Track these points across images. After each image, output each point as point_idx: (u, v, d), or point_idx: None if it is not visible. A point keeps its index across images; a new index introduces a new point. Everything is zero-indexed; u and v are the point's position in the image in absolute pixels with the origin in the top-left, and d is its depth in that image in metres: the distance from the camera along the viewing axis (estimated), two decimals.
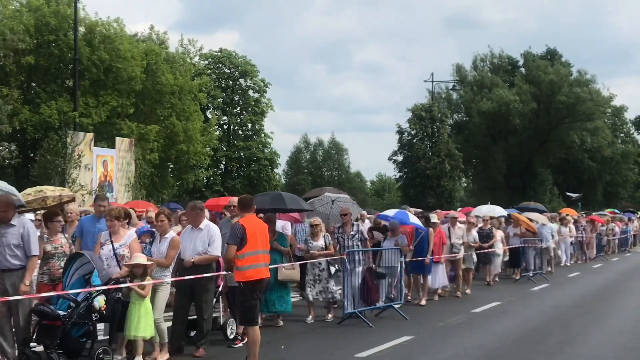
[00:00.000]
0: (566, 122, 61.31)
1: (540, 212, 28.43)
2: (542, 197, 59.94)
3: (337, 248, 14.27)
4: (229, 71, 54.50)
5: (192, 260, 10.45)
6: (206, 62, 53.38)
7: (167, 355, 10.13)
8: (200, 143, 38.96)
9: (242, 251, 9.47)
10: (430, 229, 16.76)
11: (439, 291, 17.87)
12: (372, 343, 11.64)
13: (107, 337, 9.86)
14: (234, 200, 12.81)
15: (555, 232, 26.85)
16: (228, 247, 9.66)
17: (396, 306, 14.84)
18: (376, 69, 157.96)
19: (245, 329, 10.03)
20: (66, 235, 11.10)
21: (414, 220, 16.66)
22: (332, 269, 13.88)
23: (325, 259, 13.82)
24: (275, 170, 58.31)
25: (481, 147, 62.25)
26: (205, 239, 10.64)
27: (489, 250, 21.03)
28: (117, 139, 29.61)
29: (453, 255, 18.22)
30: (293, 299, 14.06)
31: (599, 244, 33.38)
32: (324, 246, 13.85)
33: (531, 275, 22.39)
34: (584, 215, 35.96)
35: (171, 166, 39.19)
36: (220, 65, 54.13)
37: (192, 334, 11.10)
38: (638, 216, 46.94)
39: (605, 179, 70.84)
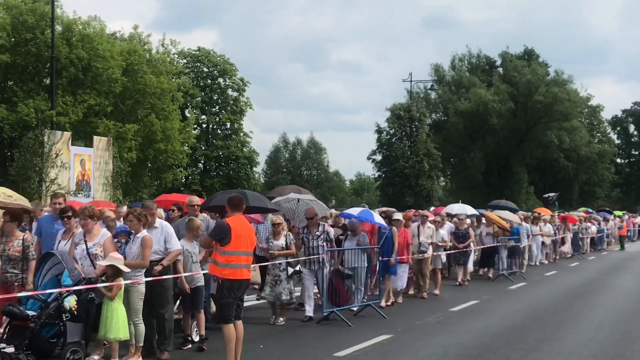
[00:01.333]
0: (543, 121, 61.71)
1: (512, 210, 28.22)
2: (518, 196, 60.34)
3: (302, 249, 14.09)
4: (207, 70, 54.32)
5: (162, 264, 10.27)
6: (184, 60, 53.17)
7: (140, 359, 9.97)
8: (178, 142, 38.81)
9: (224, 248, 9.51)
10: (394, 228, 16.20)
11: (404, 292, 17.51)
12: (351, 342, 11.64)
13: (79, 338, 9.66)
14: (195, 199, 12.77)
15: (530, 231, 26.88)
16: (205, 238, 9.80)
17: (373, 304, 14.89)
18: (354, 68, 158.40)
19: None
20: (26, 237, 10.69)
21: (379, 220, 16.12)
22: (290, 270, 13.62)
23: (286, 260, 13.57)
24: (254, 169, 58.23)
25: (459, 146, 62.51)
26: (161, 237, 10.43)
27: (464, 250, 20.77)
28: (95, 137, 29.41)
29: (420, 254, 17.74)
30: (257, 302, 14.21)
31: (575, 242, 33.58)
32: (284, 245, 13.61)
33: (507, 274, 22.52)
34: (558, 214, 36.06)
35: (149, 165, 39.00)
36: (198, 64, 53.94)
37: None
38: (613, 216, 47.07)
39: (581, 179, 71.39)
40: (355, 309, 14.67)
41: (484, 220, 23.63)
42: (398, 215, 17.22)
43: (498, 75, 64.66)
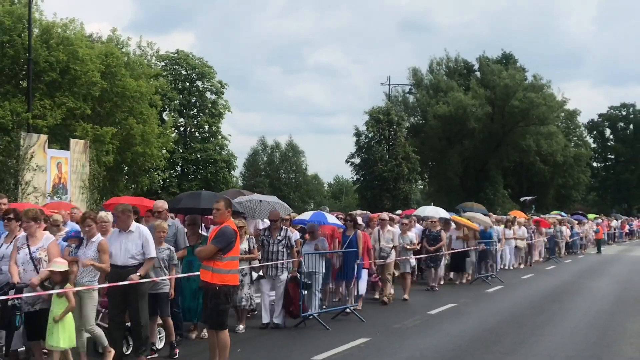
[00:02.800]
0: (520, 126, 62.08)
1: (482, 213, 27.83)
2: (494, 199, 60.71)
3: (260, 252, 13.53)
4: (185, 73, 54.14)
5: (139, 274, 9.95)
6: (162, 63, 52.96)
7: None
8: (156, 146, 38.63)
9: (227, 255, 9.47)
10: (359, 232, 15.68)
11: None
12: (329, 345, 11.64)
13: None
14: (161, 204, 12.20)
15: (501, 234, 26.52)
16: (210, 248, 9.47)
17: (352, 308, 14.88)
18: (331, 71, 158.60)
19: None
20: None
21: (333, 220, 15.91)
22: (255, 275, 13.29)
23: (249, 264, 13.12)
24: (232, 172, 58.11)
25: (437, 150, 62.74)
26: (138, 241, 10.10)
27: (436, 253, 20.40)
28: (72, 140, 29.18)
29: (381, 260, 17.01)
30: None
31: (552, 246, 33.71)
32: (247, 249, 12.89)
33: (484, 277, 22.61)
34: (531, 217, 35.98)
35: (126, 168, 38.80)
36: (177, 67, 53.76)
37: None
38: (587, 219, 47.08)
39: (557, 182, 71.89)
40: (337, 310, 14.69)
41: (453, 225, 22.97)
42: (361, 220, 16.83)
43: (476, 79, 64.97)
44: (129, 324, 10.26)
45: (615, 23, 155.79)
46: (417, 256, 20.09)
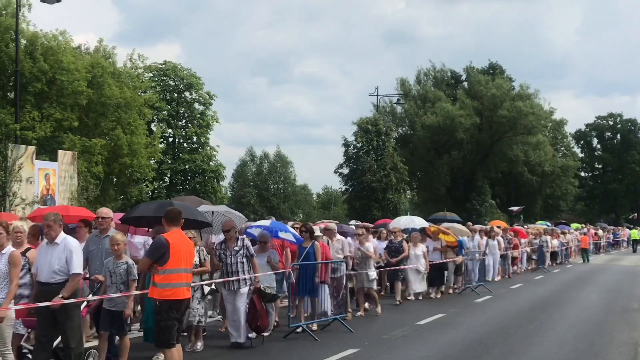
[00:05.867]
0: (508, 136, 62.29)
1: (455, 221, 27.20)
2: (482, 209, 60.87)
3: (220, 266, 12.68)
4: (173, 83, 54.11)
5: (61, 295, 9.02)
6: (151, 74, 52.91)
7: None
8: (144, 156, 38.56)
9: (163, 267, 9.02)
10: (317, 243, 14.67)
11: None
12: (318, 356, 11.64)
13: None
14: (105, 211, 11.47)
15: (480, 245, 25.25)
16: (142, 260, 9.28)
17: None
18: (317, 82, 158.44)
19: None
20: None
21: (285, 235, 14.76)
22: (206, 289, 12.37)
23: (200, 278, 12.30)
24: (220, 183, 58.04)
25: (425, 160, 62.87)
26: (62, 254, 9.19)
27: (397, 267, 19.45)
28: (60, 152, 29.11)
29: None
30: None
31: (540, 256, 33.68)
32: (197, 262, 12.01)
33: (473, 287, 22.66)
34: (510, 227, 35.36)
35: (114, 180, 38.70)
36: (165, 78, 53.71)
37: None
38: (572, 230, 46.74)
39: (545, 192, 72.12)
40: (323, 322, 14.67)
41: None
42: (318, 231, 15.67)
43: (463, 89, 65.23)
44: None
45: (598, 33, 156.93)
46: (386, 268, 19.54)
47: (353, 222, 27.48)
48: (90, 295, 10.43)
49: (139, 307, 13.50)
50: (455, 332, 14.72)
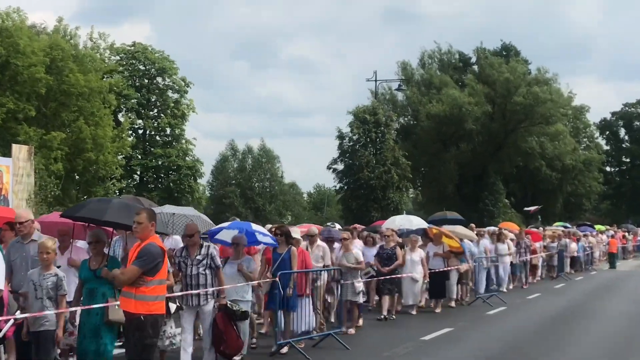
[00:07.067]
0: (523, 125, 62.28)
1: (460, 223, 26.41)
2: (495, 209, 60.88)
3: (180, 277, 12.08)
4: (144, 68, 54.00)
5: None
6: (117, 57, 52.79)
7: None
8: (111, 151, 38.45)
9: (152, 278, 9.01)
10: (293, 248, 14.19)
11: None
12: None
13: None
14: (24, 215, 11.15)
15: (487, 249, 24.95)
16: (133, 270, 8.91)
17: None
18: (308, 66, 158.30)
19: None
20: None
21: (258, 229, 14.32)
22: (172, 307, 11.64)
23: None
24: (198, 181, 57.98)
25: (430, 154, 62.84)
26: None
27: (391, 276, 18.69)
28: (14, 146, 29.00)
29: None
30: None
31: (560, 262, 33.62)
32: None
33: (485, 297, 22.64)
34: (537, 228, 35.26)
35: (77, 178, 38.61)
36: (134, 62, 53.58)
37: None
38: (596, 232, 46.75)
39: (566, 189, 72.16)
40: (316, 338, 14.64)
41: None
42: (297, 233, 15.31)
43: (473, 74, 65.15)
44: None
45: (625, 10, 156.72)
46: (370, 278, 18.90)
47: (331, 224, 26.51)
48: (19, 312, 10.13)
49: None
50: (465, 349, 14.71)
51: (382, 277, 18.71)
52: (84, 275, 10.29)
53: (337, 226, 25.26)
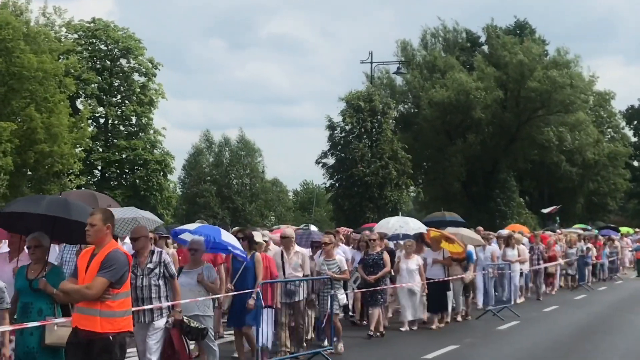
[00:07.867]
0: (539, 114, 62.32)
1: (461, 225, 26.02)
2: (507, 209, 60.93)
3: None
4: (106, 48, 53.90)
5: None
6: (75, 35, 52.63)
7: None
8: (67, 142, 38.32)
9: (119, 290, 8.69)
10: (257, 254, 14.10)
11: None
12: None
13: None
14: None
15: (495, 256, 24.75)
16: (102, 283, 8.49)
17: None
18: (292, 46, 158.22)
19: None
20: None
21: (229, 239, 14.01)
22: None
23: None
24: (168, 177, 57.92)
25: (434, 146, 62.89)
26: None
27: (376, 286, 18.32)
28: None
29: (287, 298, 15.10)
30: None
31: (581, 270, 33.54)
32: None
33: (495, 310, 22.63)
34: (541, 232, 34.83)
35: (28, 173, 38.48)
36: (94, 41, 53.46)
37: None
38: (619, 235, 46.67)
39: (588, 187, 72.26)
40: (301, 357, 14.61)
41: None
42: (260, 237, 15.23)
43: (482, 55, 65.16)
44: None
45: None
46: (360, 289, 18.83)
47: (304, 226, 26.08)
48: None
49: None
50: None
51: (370, 289, 18.21)
52: (19, 285, 9.90)
53: (313, 228, 24.99)
